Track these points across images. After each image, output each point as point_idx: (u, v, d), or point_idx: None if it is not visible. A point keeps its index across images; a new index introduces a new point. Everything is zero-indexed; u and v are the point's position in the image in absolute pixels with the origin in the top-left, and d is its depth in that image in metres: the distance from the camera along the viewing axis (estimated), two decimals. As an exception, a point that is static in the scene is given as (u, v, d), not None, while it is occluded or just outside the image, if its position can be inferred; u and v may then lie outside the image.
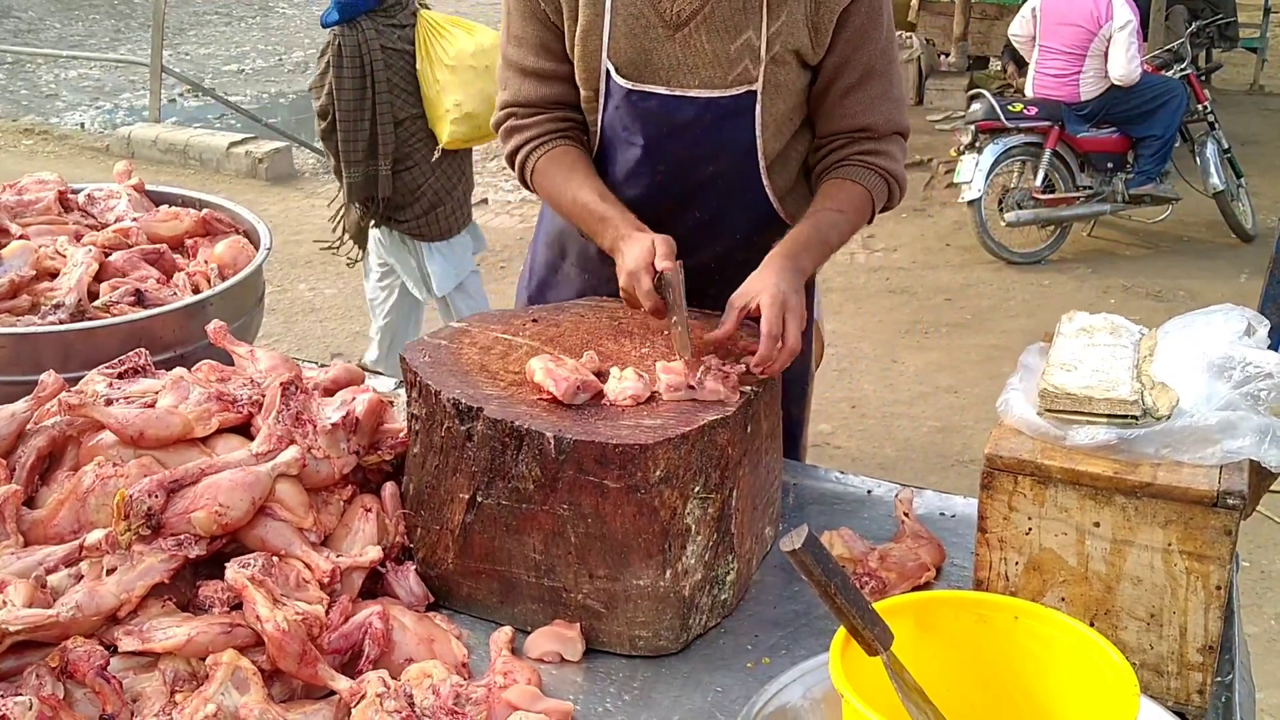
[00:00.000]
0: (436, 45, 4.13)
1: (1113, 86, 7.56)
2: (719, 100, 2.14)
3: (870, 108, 2.18)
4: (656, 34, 2.13)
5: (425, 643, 1.72)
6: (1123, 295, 7.13)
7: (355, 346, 6.43)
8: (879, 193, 2.21)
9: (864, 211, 2.20)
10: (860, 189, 2.19)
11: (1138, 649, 1.61)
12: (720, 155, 2.20)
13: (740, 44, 2.11)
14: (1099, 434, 1.59)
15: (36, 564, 1.68)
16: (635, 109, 2.17)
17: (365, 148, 4.20)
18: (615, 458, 1.71)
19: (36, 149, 10.27)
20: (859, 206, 2.19)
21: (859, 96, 2.18)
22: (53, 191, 2.61)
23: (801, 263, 2.05)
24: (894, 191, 2.24)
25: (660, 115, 2.16)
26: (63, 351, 2.15)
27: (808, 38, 2.11)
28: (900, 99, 2.24)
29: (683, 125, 2.16)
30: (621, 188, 2.27)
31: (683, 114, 2.15)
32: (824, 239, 2.13)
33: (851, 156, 2.20)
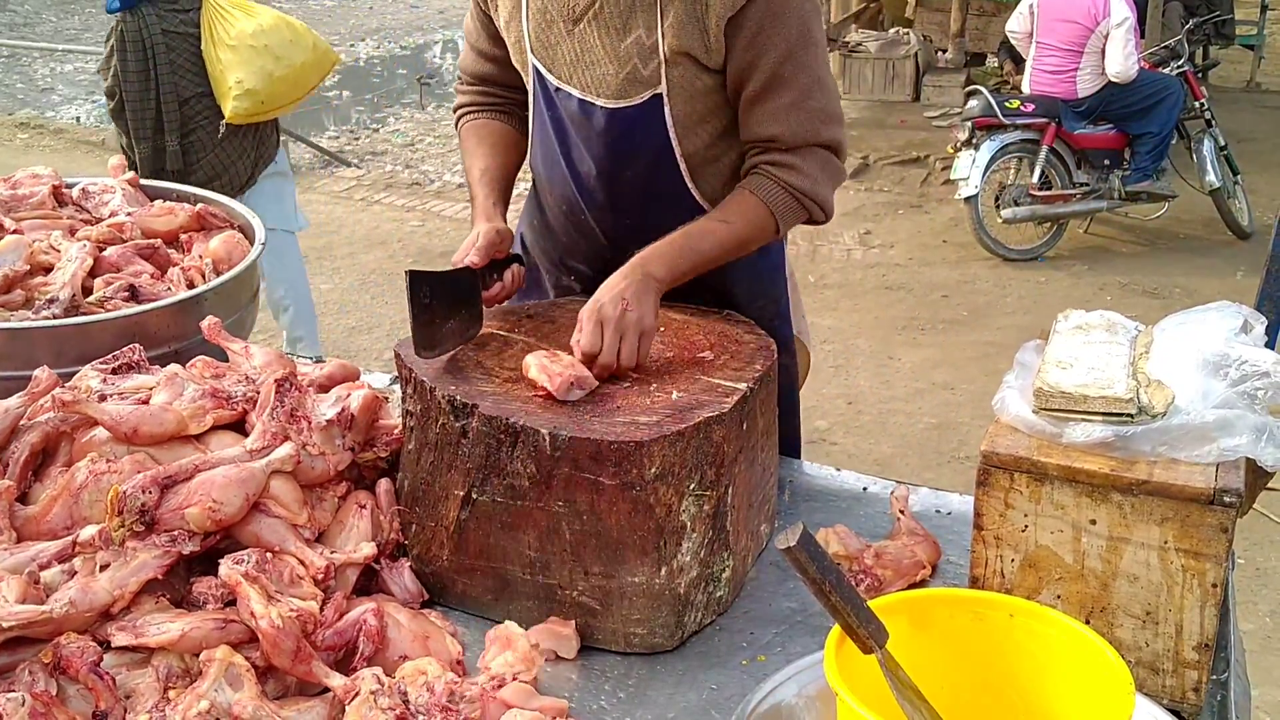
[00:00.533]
0: (219, 27, 4.34)
1: (1110, 83, 7.55)
2: (625, 110, 2.11)
3: (775, 118, 2.08)
4: (558, 29, 2.14)
5: (420, 640, 1.72)
6: (1119, 292, 7.14)
7: (352, 341, 6.42)
8: (782, 207, 2.10)
9: (759, 225, 2.10)
10: (755, 201, 2.09)
11: (1133, 646, 1.61)
12: (637, 160, 2.16)
13: (630, 41, 2.07)
14: (1095, 431, 1.59)
15: (29, 560, 1.68)
16: (560, 107, 2.18)
17: (152, 125, 4.40)
18: (610, 454, 1.70)
19: (32, 143, 10.25)
20: (752, 219, 2.09)
21: (765, 106, 2.08)
22: (47, 186, 2.60)
23: (651, 268, 1.99)
24: (810, 207, 2.12)
25: (579, 117, 2.16)
26: (56, 347, 2.15)
27: (699, 39, 2.04)
28: (821, 110, 2.09)
29: (598, 131, 2.15)
30: (551, 186, 2.30)
31: (595, 119, 2.14)
32: (693, 246, 2.04)
33: (760, 166, 2.12)
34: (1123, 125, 7.76)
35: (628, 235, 2.19)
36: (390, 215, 8.56)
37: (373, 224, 8.36)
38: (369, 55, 15.75)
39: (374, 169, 9.86)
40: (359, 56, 15.60)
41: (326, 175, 9.57)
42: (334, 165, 9.86)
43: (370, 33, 17.06)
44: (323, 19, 17.73)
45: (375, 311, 6.89)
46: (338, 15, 18.11)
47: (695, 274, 2.07)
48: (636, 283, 1.96)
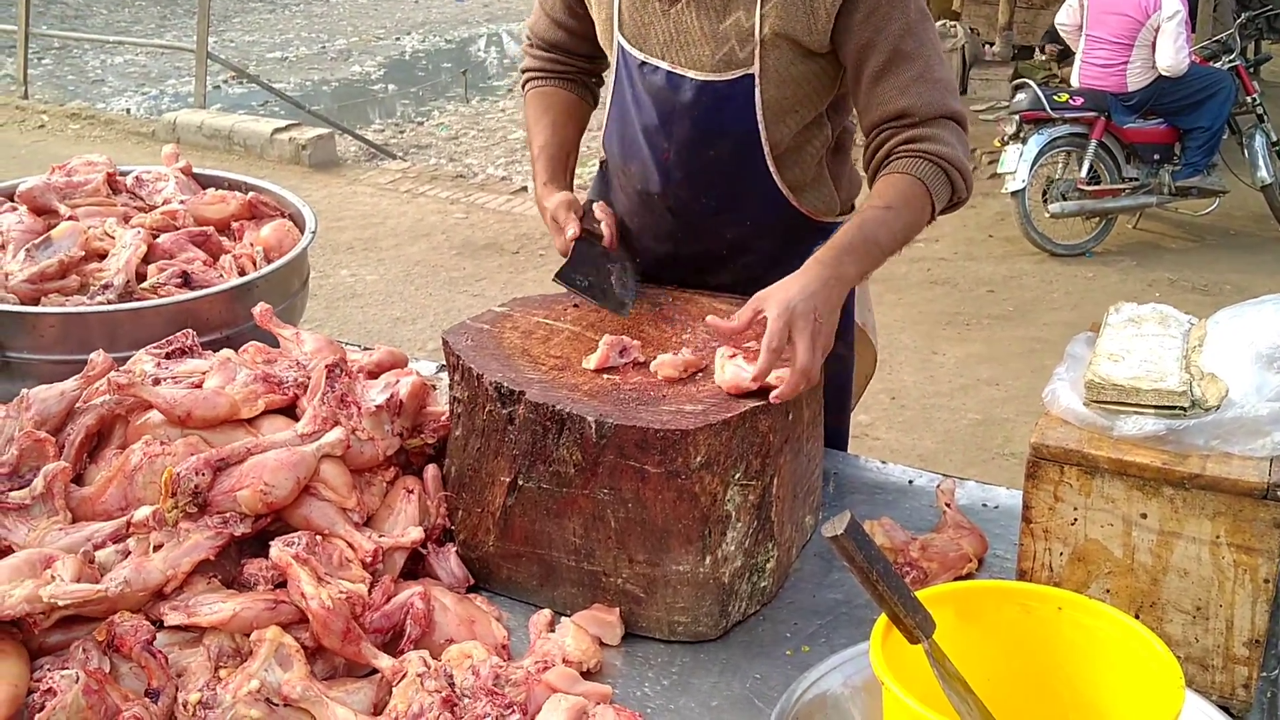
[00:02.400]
0: None
1: (1160, 77, 7.45)
2: (714, 84, 2.10)
3: (904, 90, 2.04)
4: (653, 7, 2.13)
5: (466, 624, 1.73)
6: (1168, 289, 7.05)
7: (397, 332, 6.47)
8: (934, 181, 2.02)
9: (919, 205, 2.02)
10: (909, 179, 2.01)
11: (1183, 642, 1.59)
12: (722, 140, 2.16)
13: (729, 24, 2.07)
14: (1147, 425, 1.57)
15: (84, 540, 1.71)
16: (645, 81, 2.18)
17: None
18: (656, 443, 1.71)
19: (84, 133, 10.39)
20: (910, 200, 2.01)
21: (891, 81, 2.04)
22: (101, 173, 2.64)
23: (843, 269, 1.89)
24: (955, 180, 2.05)
25: (665, 91, 2.15)
26: (111, 331, 2.18)
27: (804, 22, 2.03)
28: (943, 82, 2.08)
29: (684, 105, 2.14)
30: (626, 163, 2.29)
31: (683, 94, 2.13)
32: (871, 238, 1.96)
33: (897, 147, 2.05)
34: (1173, 120, 7.66)
35: (703, 216, 2.22)
36: (434, 207, 8.61)
37: (417, 216, 8.41)
38: (414, 49, 15.84)
39: (419, 161, 9.92)
40: (404, 50, 15.70)
41: (372, 168, 9.63)
42: (379, 158, 9.93)
43: (416, 26, 17.16)
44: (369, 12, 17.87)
45: (419, 302, 6.93)
46: (383, 9, 18.22)
47: (875, 268, 2.01)
48: (830, 296, 1.85)
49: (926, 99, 2.05)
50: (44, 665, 1.55)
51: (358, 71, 14.34)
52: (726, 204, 2.21)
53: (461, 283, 7.18)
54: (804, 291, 1.82)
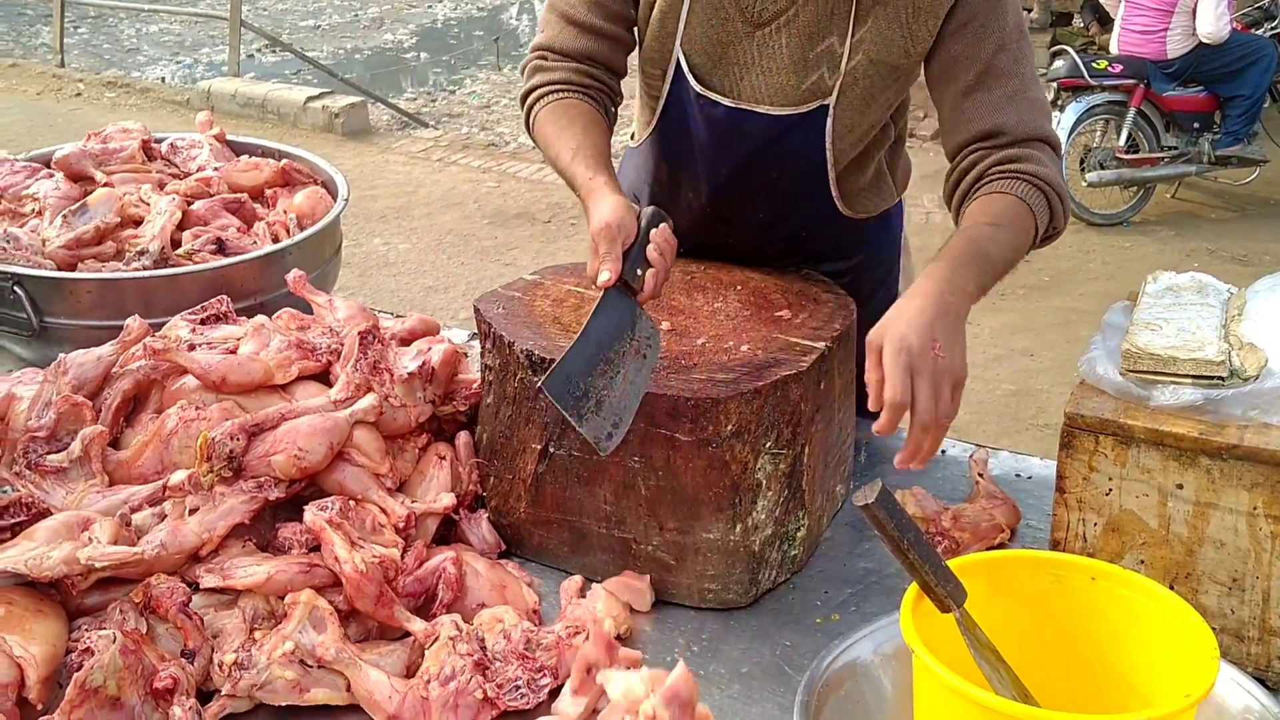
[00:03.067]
0: None
1: (1200, 44, 7.35)
2: (787, 117, 2.01)
3: (997, 109, 1.89)
4: (735, 29, 1.99)
5: (497, 589, 1.74)
6: (1207, 259, 6.96)
7: (429, 300, 6.49)
8: (1036, 204, 1.84)
9: (1023, 225, 1.83)
10: (1012, 199, 1.83)
11: (1218, 613, 1.58)
12: (785, 166, 2.08)
13: (821, 50, 1.97)
14: (1184, 394, 1.55)
15: (121, 503, 1.73)
16: (703, 112, 2.07)
17: None
18: (687, 411, 1.71)
19: (119, 102, 10.45)
20: (1016, 220, 1.82)
21: (982, 97, 1.91)
22: (137, 140, 2.65)
23: (958, 283, 1.68)
24: (1055, 205, 1.87)
25: (726, 124, 2.05)
26: (146, 297, 2.20)
27: (901, 45, 1.94)
28: (1038, 103, 1.93)
29: (747, 135, 2.06)
30: (681, 175, 2.20)
31: (749, 126, 2.03)
32: (983, 254, 1.76)
33: (992, 169, 1.88)
34: (1213, 87, 7.56)
35: (753, 228, 2.18)
36: (466, 176, 8.62)
37: (449, 185, 8.42)
38: (446, 17, 15.81)
39: (450, 130, 9.92)
40: (437, 18, 15.67)
41: (404, 136, 9.65)
42: (412, 126, 9.93)
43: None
44: (401, -20, 17.82)
45: (451, 271, 6.95)
46: (416, -24, 18.18)
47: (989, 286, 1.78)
48: (947, 316, 1.63)
49: (1021, 118, 1.90)
50: (82, 626, 1.58)
51: (390, 39, 14.34)
52: (781, 216, 2.16)
53: (493, 252, 7.20)
54: (916, 322, 1.60)
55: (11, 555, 1.57)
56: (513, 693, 1.56)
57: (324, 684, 1.55)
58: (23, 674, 1.47)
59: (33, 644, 1.49)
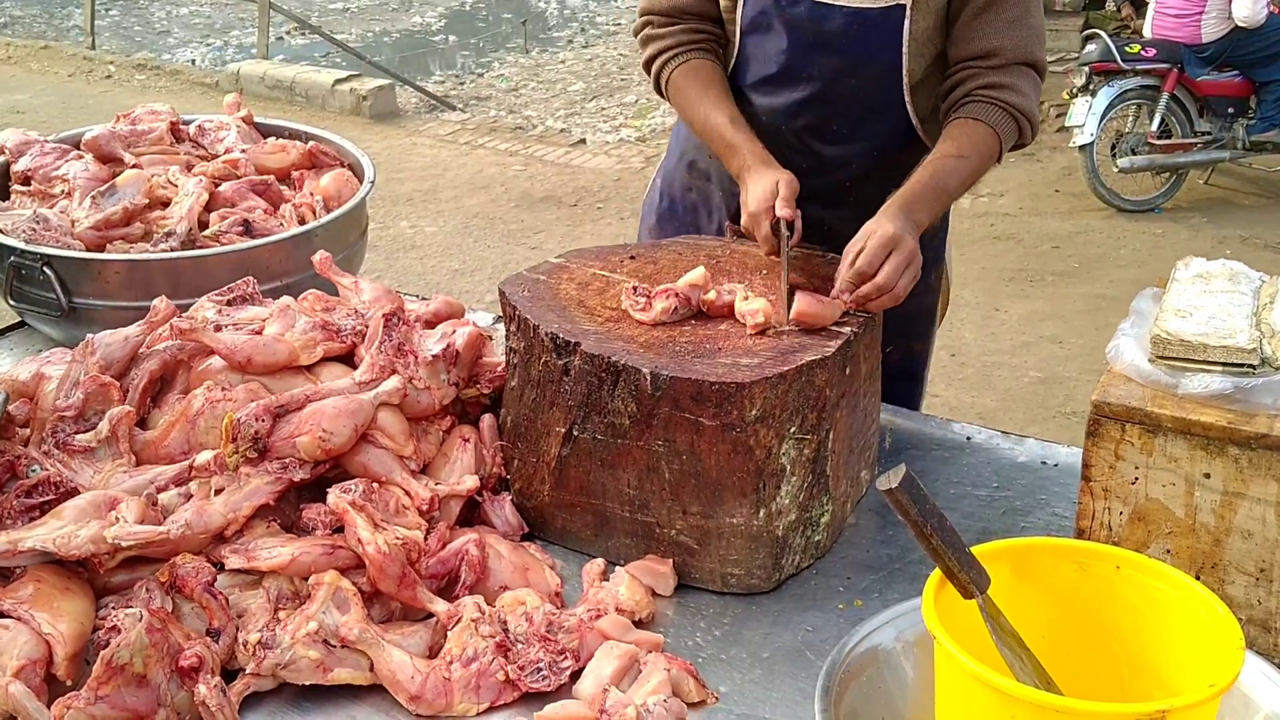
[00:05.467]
0: None
1: (1236, 28, 7.24)
2: (867, 12, 2.11)
3: (1000, 31, 2.10)
4: None
5: (520, 571, 1.75)
6: (1240, 246, 6.88)
7: (455, 283, 6.50)
8: (1006, 130, 2.11)
9: (989, 153, 2.11)
10: (984, 128, 2.10)
11: (1245, 604, 1.57)
12: (865, 70, 2.16)
13: None
14: (1213, 383, 1.54)
15: (148, 483, 1.74)
16: (783, 15, 2.15)
17: None
18: (711, 395, 1.70)
19: (149, 84, 10.50)
20: (982, 149, 2.10)
21: (989, 18, 2.11)
22: (165, 122, 2.67)
23: (915, 215, 1.99)
24: (1024, 128, 2.14)
25: (807, 23, 2.14)
26: (174, 278, 2.21)
27: None
28: (1036, 29, 2.15)
29: (829, 36, 2.13)
30: (762, 97, 2.25)
31: (830, 24, 2.13)
32: (941, 187, 2.06)
33: (975, 91, 2.12)
34: (1249, 72, 7.45)
35: (834, 147, 2.22)
36: (493, 159, 8.62)
37: (476, 168, 8.43)
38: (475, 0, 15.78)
39: (478, 113, 9.92)
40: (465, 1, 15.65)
41: (432, 119, 9.65)
42: (439, 109, 9.94)
43: (477, -24, 17.09)
44: (430, -38, 17.80)
45: (478, 254, 6.95)
46: (445, -42, 18.16)
47: (942, 213, 2.13)
48: (910, 227, 1.95)
49: (1016, 42, 2.11)
50: (109, 604, 1.60)
51: (419, 22, 14.33)
52: (857, 133, 2.22)
53: (519, 235, 7.20)
54: (896, 224, 1.93)
55: (40, 534, 1.58)
56: (534, 674, 1.57)
57: (347, 664, 1.56)
58: (51, 650, 1.49)
59: (61, 621, 1.51)
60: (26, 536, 1.58)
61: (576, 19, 14.10)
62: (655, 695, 1.52)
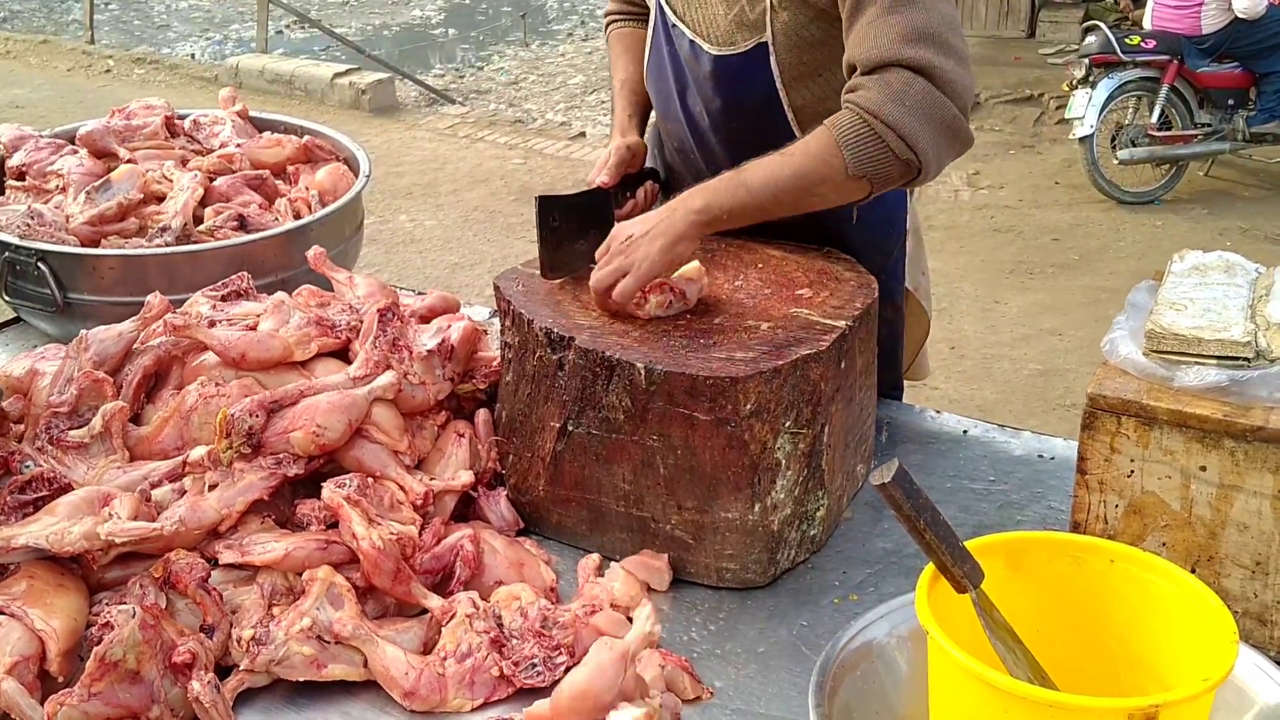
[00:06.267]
0: None
1: (1236, 19, 7.23)
2: (728, 58, 2.06)
3: (858, 40, 1.87)
4: None
5: (515, 566, 1.75)
6: (1240, 238, 6.87)
7: (454, 277, 6.50)
8: (848, 133, 1.83)
9: (818, 154, 1.85)
10: (821, 129, 1.87)
11: (1241, 597, 1.56)
12: (745, 110, 2.10)
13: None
14: (1209, 375, 1.53)
15: (141, 478, 1.74)
16: (675, 45, 2.16)
17: None
18: (706, 390, 1.70)
19: (148, 78, 10.49)
20: (811, 149, 1.86)
21: (853, 29, 1.88)
22: (160, 117, 2.66)
23: (689, 200, 1.89)
24: (883, 134, 1.81)
25: (690, 58, 2.13)
26: (168, 273, 2.21)
27: None
28: (904, 25, 1.81)
29: (706, 75, 2.11)
30: (665, 121, 2.30)
31: (703, 63, 2.10)
32: (738, 179, 1.89)
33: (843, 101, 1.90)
34: (1249, 63, 7.44)
35: None
36: (493, 153, 8.61)
37: (476, 161, 8.42)
38: (475, -8, 15.76)
39: (478, 107, 9.91)
40: (465, -7, 15.63)
41: (431, 113, 9.64)
42: (439, 103, 9.93)
43: (476, -31, 17.07)
44: (429, -45, 17.77)
45: (478, 248, 6.95)
46: (444, -48, 18.13)
47: (746, 213, 1.91)
48: (664, 219, 1.88)
49: (870, 45, 1.84)
50: (102, 600, 1.59)
51: (418, 15, 14.32)
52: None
53: (519, 229, 7.19)
54: (638, 218, 1.94)
55: (33, 530, 1.58)
56: (529, 670, 1.57)
57: (341, 660, 1.56)
58: (44, 647, 1.48)
59: (54, 618, 1.51)
60: (20, 533, 1.58)
61: (576, 12, 14.08)
62: (652, 690, 1.52)
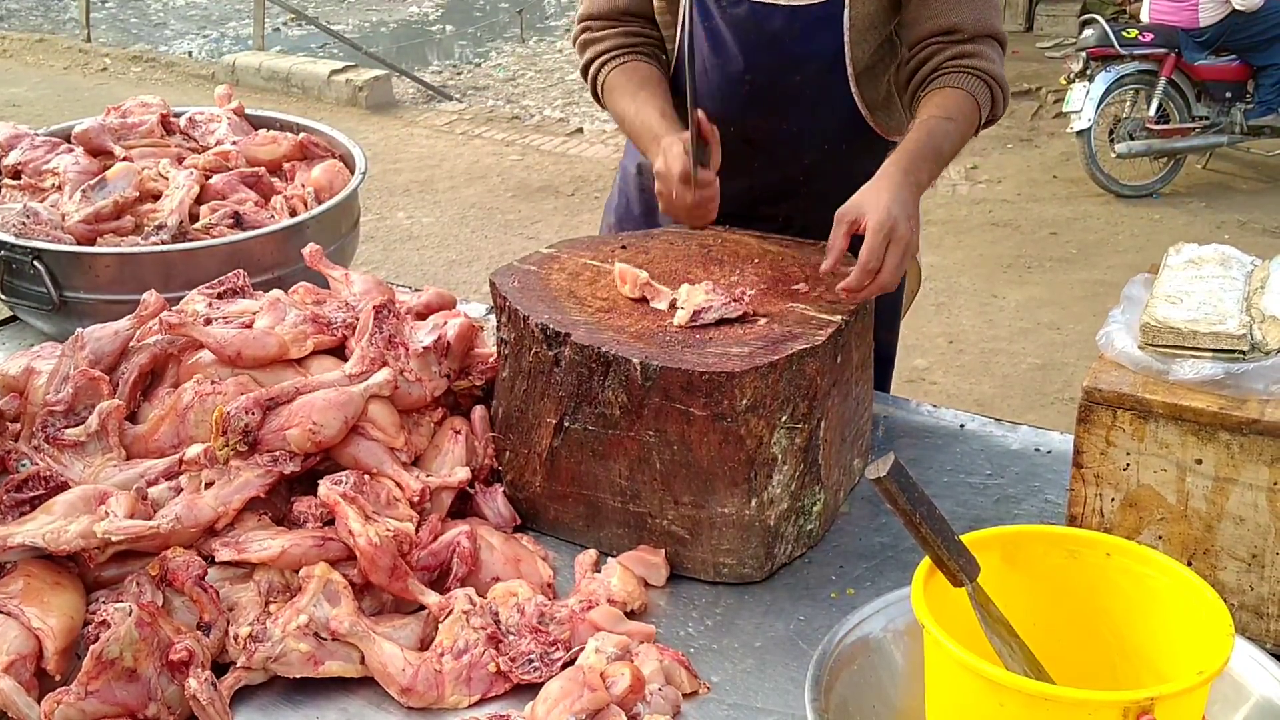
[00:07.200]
0: None
1: (1234, 12, 7.23)
2: (806, 8, 2.10)
3: (956, 6, 2.09)
4: None
5: (512, 563, 1.75)
6: (1238, 230, 6.87)
7: (452, 274, 6.49)
8: (983, 97, 2.09)
9: (971, 119, 2.09)
10: (963, 94, 2.07)
11: (1237, 590, 1.56)
12: (808, 64, 2.16)
13: None
14: (1204, 368, 1.53)
15: (138, 477, 1.74)
16: (725, 16, 2.15)
17: None
18: (702, 385, 1.70)
19: (145, 76, 10.48)
20: (966, 113, 2.07)
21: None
22: (155, 115, 2.66)
23: (919, 176, 1.96)
24: (997, 97, 2.12)
25: (749, 24, 2.14)
26: (164, 271, 2.21)
27: None
28: (992, 2, 2.14)
29: (771, 35, 2.13)
30: (707, 100, 2.22)
31: (771, 23, 2.12)
32: (937, 148, 2.03)
33: (946, 63, 2.10)
34: (1247, 56, 7.43)
35: (781, 142, 2.22)
36: (490, 149, 8.60)
37: (473, 158, 8.41)
38: (472, -12, 15.74)
39: (475, 103, 9.90)
40: (462, -11, 15.60)
41: (429, 109, 9.63)
42: (436, 99, 9.92)
43: (473, -35, 17.04)
44: (426, -48, 17.74)
45: (475, 245, 6.94)
46: (441, -52, 18.10)
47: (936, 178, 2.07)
48: (911, 191, 1.92)
49: (976, 15, 2.10)
50: (99, 598, 1.59)
51: (416, 12, 14.29)
52: (806, 127, 2.21)
53: (517, 225, 7.19)
54: (898, 201, 1.87)
55: (30, 529, 1.58)
56: (526, 666, 1.57)
57: (338, 656, 1.56)
58: (41, 645, 1.48)
59: (51, 616, 1.51)
60: (16, 531, 1.57)
61: (574, 7, 14.04)
62: (652, 684, 1.52)
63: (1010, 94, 2.15)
